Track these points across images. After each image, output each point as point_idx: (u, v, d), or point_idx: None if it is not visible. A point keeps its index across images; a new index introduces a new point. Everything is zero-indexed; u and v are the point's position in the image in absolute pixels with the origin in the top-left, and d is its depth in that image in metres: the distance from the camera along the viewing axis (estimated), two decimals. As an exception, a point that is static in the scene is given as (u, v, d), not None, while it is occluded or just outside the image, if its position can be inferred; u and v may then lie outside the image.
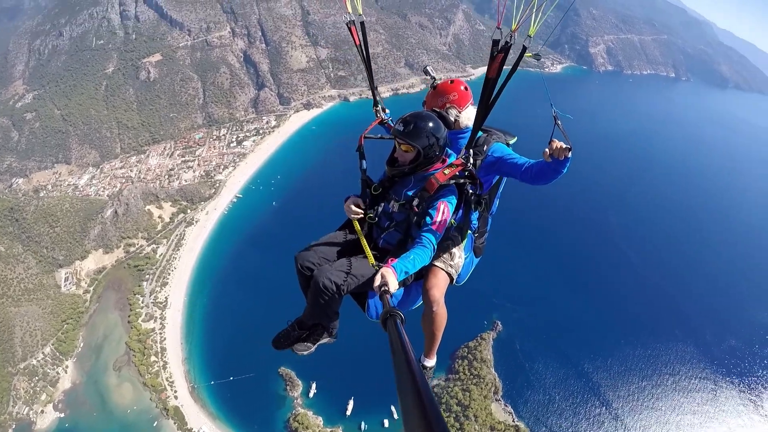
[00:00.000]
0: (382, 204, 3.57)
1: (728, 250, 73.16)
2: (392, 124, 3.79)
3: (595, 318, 58.11)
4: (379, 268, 2.82)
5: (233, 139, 75.54)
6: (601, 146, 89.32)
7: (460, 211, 3.49)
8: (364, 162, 3.68)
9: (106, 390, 49.03)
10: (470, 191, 3.39)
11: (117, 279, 58.33)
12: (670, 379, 52.22)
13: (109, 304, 56.00)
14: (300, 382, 49.99)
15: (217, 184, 67.90)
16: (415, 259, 3.02)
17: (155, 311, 55.25)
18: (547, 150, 2.99)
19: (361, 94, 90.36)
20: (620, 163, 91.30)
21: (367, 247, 3.29)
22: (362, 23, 3.54)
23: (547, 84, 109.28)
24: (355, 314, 3.84)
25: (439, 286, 3.50)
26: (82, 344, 52.43)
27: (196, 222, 63.15)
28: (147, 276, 58.05)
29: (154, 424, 46.91)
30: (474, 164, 3.43)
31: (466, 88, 3.76)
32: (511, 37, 2.57)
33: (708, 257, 71.47)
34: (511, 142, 3.98)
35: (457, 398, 47.52)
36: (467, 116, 3.76)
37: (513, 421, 46.30)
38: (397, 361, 1.26)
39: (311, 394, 49.35)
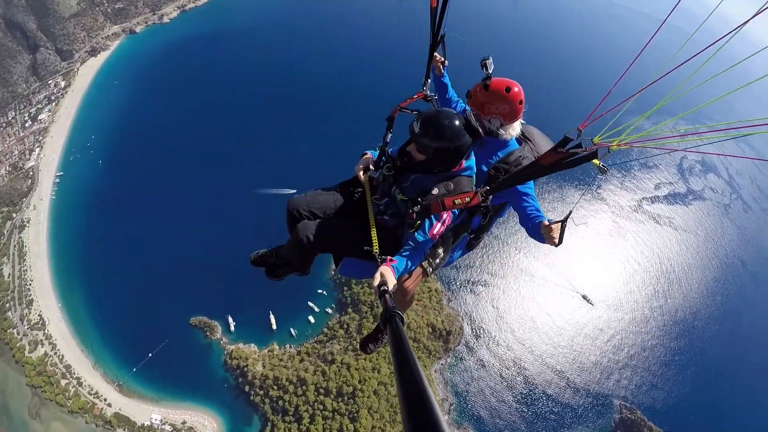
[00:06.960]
0: (390, 185, 3.30)
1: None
2: (434, 102, 3.51)
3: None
4: (380, 264, 2.83)
5: (26, 118, 63.25)
6: None
7: (463, 215, 3.39)
8: (390, 134, 3.43)
9: (38, 443, 42.14)
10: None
11: (-25, 325, 48.40)
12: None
13: (-18, 357, 47.04)
14: (216, 323, 46.86)
15: (31, 173, 55.92)
16: (410, 262, 3.02)
17: (37, 335, 46.86)
18: (546, 221, 2.94)
19: (147, 22, 79.61)
20: None
21: (375, 234, 3.11)
22: None
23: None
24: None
25: (413, 277, 3.53)
26: (-21, 418, 44.83)
27: (29, 222, 51.79)
28: (7, 304, 48.33)
29: (105, 442, 42.37)
30: (494, 189, 3.04)
31: (521, 102, 3.28)
32: (585, 147, 2.32)
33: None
34: None
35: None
36: (511, 131, 3.39)
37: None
38: (398, 359, 1.29)
39: (232, 329, 46.65)
